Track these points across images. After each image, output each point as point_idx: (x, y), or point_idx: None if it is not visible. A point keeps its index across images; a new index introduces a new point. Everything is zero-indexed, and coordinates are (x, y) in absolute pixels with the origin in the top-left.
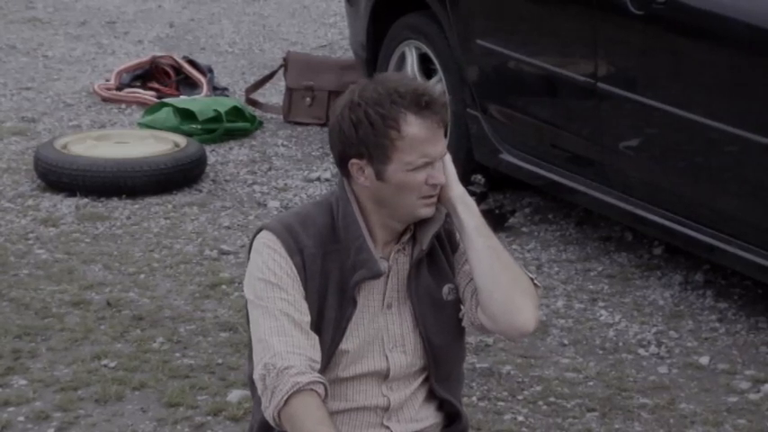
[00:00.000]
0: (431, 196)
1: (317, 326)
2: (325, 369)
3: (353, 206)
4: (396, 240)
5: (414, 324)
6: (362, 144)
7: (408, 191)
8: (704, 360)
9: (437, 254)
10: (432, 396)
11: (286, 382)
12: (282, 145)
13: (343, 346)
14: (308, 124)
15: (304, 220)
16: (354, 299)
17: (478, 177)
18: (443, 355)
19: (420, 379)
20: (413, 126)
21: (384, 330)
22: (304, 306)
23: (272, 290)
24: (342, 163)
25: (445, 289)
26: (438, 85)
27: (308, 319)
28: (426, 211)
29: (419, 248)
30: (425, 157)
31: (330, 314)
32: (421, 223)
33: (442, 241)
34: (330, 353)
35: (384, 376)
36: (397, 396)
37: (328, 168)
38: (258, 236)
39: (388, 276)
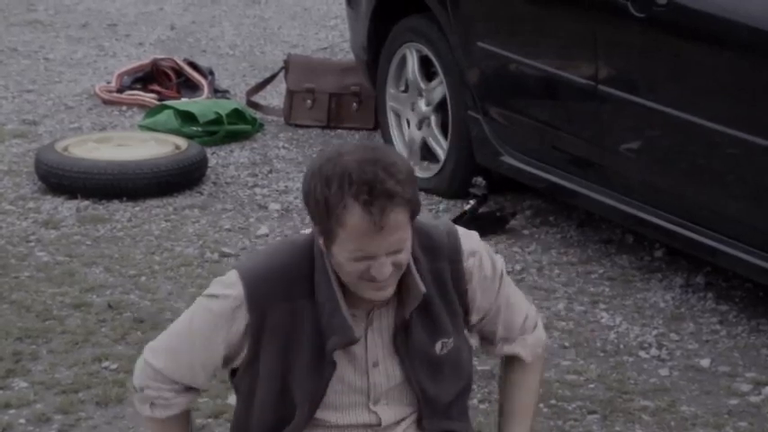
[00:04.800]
0: (380, 282)
1: (283, 378)
2: (307, 424)
3: (328, 264)
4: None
5: (403, 377)
6: (312, 215)
7: (349, 275)
8: (705, 362)
9: (432, 306)
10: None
11: (145, 410)
12: (283, 147)
13: (324, 407)
14: (308, 126)
15: (281, 267)
16: (333, 362)
17: (479, 180)
18: (440, 401)
19: (415, 415)
20: (354, 217)
21: (372, 387)
22: (209, 366)
23: (206, 328)
24: None
25: (438, 345)
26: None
27: (202, 379)
28: (374, 295)
29: (401, 313)
30: (362, 252)
31: (301, 372)
32: (403, 292)
33: (444, 287)
34: (310, 414)
35: (375, 426)
36: (387, 417)
37: None
38: (228, 275)
39: (366, 337)
